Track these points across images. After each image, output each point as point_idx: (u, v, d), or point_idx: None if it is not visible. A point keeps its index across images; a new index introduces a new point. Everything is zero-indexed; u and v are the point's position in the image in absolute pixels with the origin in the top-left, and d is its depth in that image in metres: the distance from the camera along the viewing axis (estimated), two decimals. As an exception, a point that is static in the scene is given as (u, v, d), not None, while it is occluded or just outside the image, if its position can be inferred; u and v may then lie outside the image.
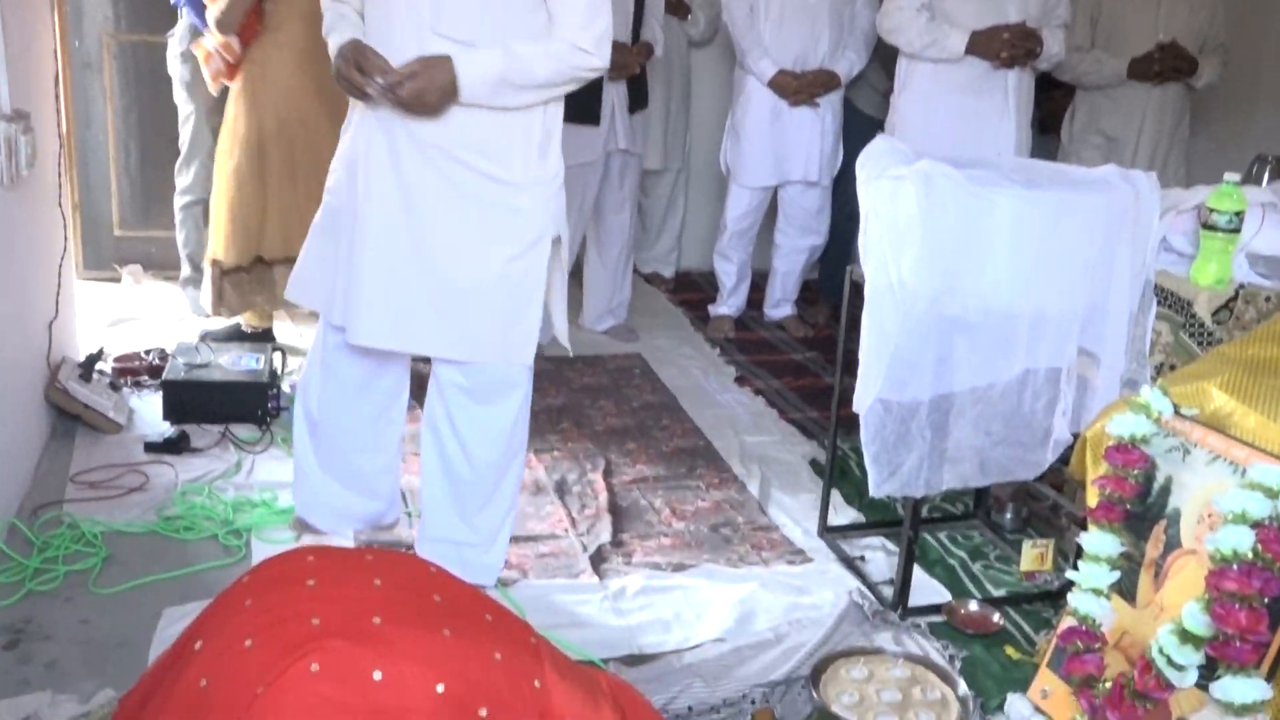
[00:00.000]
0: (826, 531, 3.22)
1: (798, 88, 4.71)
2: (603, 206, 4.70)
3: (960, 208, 2.46)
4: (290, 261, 2.93)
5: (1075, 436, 2.71)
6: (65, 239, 3.69)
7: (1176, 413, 2.24)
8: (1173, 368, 2.69)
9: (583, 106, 4.08)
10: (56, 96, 3.65)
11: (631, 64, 4.45)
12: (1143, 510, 2.27)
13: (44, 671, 2.36)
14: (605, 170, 4.58)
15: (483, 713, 1.53)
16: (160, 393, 3.61)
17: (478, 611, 1.69)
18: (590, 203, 4.58)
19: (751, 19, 4.71)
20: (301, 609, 1.55)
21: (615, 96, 4.46)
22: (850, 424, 3.52)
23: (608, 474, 3.53)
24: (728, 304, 5.14)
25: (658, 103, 5.16)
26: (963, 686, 2.51)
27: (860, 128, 4.69)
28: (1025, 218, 2.51)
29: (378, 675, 1.47)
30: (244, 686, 1.44)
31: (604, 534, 3.14)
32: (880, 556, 3.10)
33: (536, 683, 1.60)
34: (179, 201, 4.59)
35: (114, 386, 3.72)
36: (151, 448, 3.40)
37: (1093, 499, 2.33)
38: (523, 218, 2.49)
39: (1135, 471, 2.24)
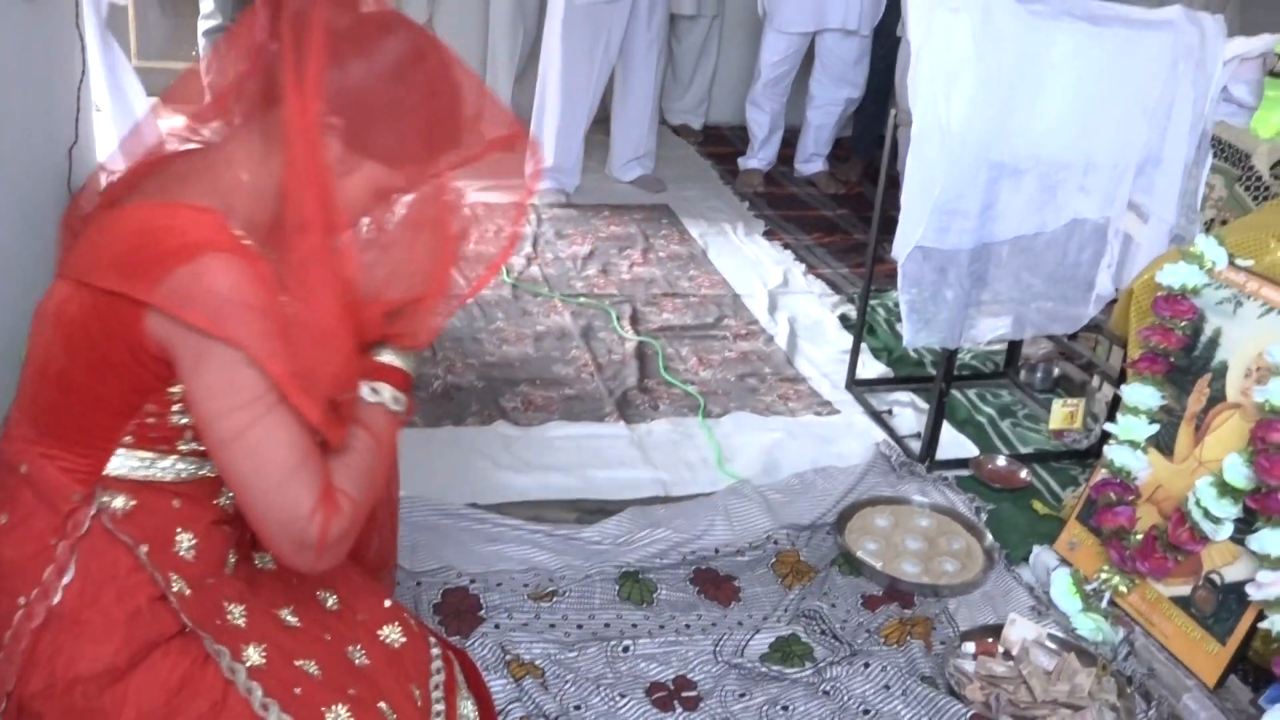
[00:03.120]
0: (854, 385, 3.18)
1: None
2: (630, 49, 4.49)
3: (1018, 43, 2.34)
4: None
5: (1117, 293, 2.65)
6: (84, 62, 3.58)
7: (1231, 263, 2.16)
8: (1224, 223, 2.59)
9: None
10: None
11: None
12: (1187, 363, 2.22)
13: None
14: (633, 7, 4.38)
15: None
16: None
17: None
18: (616, 43, 4.39)
19: None
20: None
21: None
22: (881, 280, 3.49)
23: (634, 321, 3.49)
24: (758, 157, 5.01)
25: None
26: (988, 538, 2.50)
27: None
28: (1086, 55, 2.38)
29: None
30: None
31: (630, 379, 3.11)
32: (908, 411, 3.06)
33: None
34: (202, 27, 4.45)
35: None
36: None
37: (1135, 350, 2.28)
38: None
39: (1183, 323, 2.18)
